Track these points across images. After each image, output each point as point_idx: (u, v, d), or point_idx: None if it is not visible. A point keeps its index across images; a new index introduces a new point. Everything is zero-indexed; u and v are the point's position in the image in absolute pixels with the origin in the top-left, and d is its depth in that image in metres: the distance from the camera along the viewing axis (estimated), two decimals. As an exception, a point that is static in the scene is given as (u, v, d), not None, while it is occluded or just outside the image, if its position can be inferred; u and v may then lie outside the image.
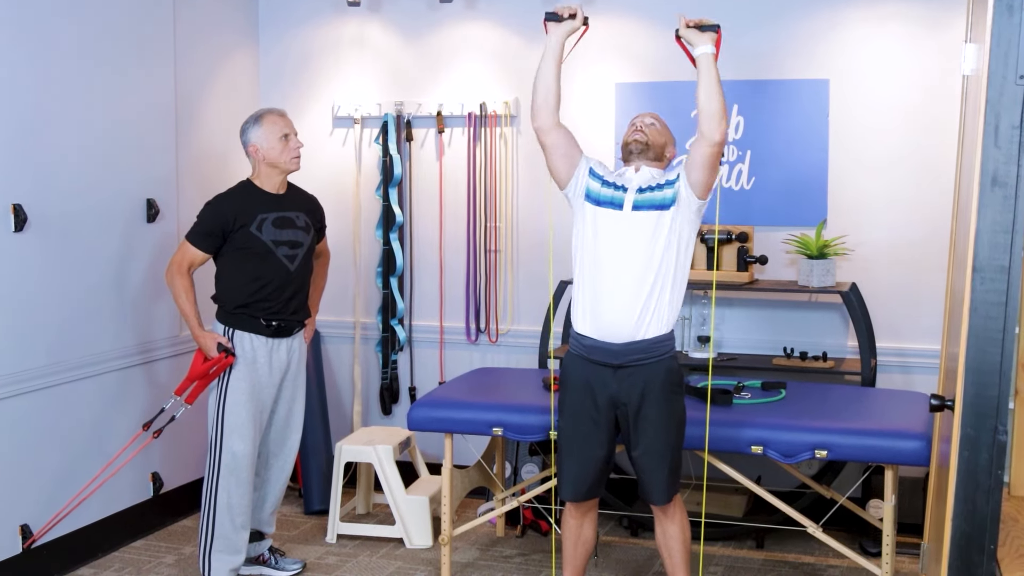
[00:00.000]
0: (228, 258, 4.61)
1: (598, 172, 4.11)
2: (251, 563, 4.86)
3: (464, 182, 5.89)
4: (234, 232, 4.55)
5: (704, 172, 3.94)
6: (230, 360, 4.55)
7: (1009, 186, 2.64)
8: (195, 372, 4.58)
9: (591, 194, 4.06)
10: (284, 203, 4.68)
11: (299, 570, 4.91)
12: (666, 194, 3.97)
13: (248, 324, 4.59)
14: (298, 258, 4.67)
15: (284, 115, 4.70)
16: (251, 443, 4.59)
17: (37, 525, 4.68)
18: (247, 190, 4.65)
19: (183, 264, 4.56)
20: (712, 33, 3.95)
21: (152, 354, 5.31)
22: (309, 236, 4.74)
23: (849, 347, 5.36)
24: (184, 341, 5.41)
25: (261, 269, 4.58)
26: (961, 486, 2.73)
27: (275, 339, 4.65)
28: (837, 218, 5.35)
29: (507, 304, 5.91)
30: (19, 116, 4.58)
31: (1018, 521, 3.30)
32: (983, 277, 2.68)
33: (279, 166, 4.64)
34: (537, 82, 4.10)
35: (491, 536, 5.38)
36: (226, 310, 4.61)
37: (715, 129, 3.89)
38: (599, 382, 4.04)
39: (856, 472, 5.15)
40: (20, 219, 4.56)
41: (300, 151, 4.69)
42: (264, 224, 4.58)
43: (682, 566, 4.18)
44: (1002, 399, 2.69)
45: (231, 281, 4.61)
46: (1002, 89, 2.64)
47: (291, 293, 4.66)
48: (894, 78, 5.26)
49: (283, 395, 4.75)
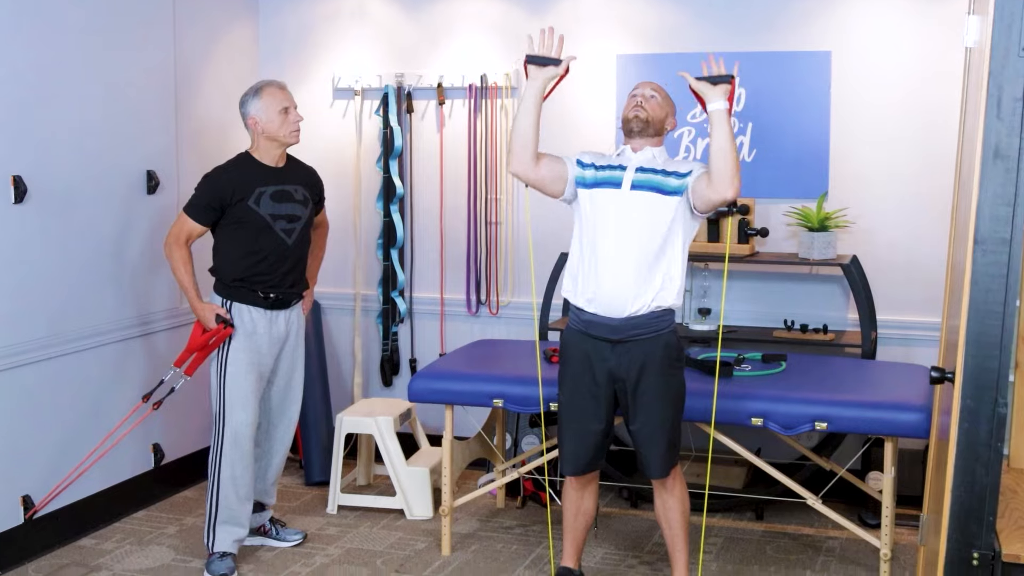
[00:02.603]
0: (226, 231, 4.59)
1: (587, 162, 4.10)
2: (253, 534, 4.88)
3: (465, 154, 5.88)
4: (232, 206, 4.53)
5: (707, 209, 3.98)
6: (228, 331, 4.54)
7: (1011, 158, 2.64)
8: (194, 344, 4.58)
9: (585, 182, 4.08)
10: (283, 176, 4.66)
11: (300, 541, 4.94)
12: (671, 183, 3.97)
13: (246, 296, 4.59)
14: (296, 232, 4.65)
15: (284, 88, 4.67)
16: (253, 414, 4.60)
17: (39, 496, 4.70)
18: (246, 163, 4.63)
19: (181, 236, 4.55)
20: (725, 86, 3.89)
21: (152, 325, 5.32)
22: (307, 210, 4.72)
23: (849, 319, 5.36)
24: (184, 313, 5.41)
25: (259, 243, 4.57)
26: (961, 458, 2.73)
27: (273, 311, 4.64)
28: (838, 190, 5.34)
29: (507, 276, 5.91)
30: (19, 88, 4.57)
31: (1017, 493, 3.31)
32: (984, 249, 2.68)
33: (278, 139, 4.61)
34: (515, 128, 4.05)
35: (491, 507, 5.40)
36: (224, 282, 4.61)
37: (727, 188, 3.85)
38: (598, 356, 4.05)
39: (856, 444, 5.17)
40: (20, 191, 4.55)
41: (300, 124, 4.67)
42: (262, 198, 4.55)
43: (681, 537, 4.20)
44: (1002, 371, 2.69)
45: (228, 255, 4.60)
46: (1005, 61, 2.63)
47: (289, 267, 4.65)
48: (896, 50, 5.24)
49: (282, 366, 4.75)
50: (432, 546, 4.92)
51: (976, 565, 2.76)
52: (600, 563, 4.73)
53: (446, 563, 4.74)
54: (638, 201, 3.97)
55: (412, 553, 4.85)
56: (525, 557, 4.80)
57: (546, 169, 4.09)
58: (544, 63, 4.03)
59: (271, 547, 4.88)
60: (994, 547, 2.78)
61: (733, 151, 3.85)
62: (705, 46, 5.42)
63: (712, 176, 3.87)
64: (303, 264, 4.77)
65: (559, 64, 4.03)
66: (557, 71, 4.03)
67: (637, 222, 3.96)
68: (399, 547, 4.92)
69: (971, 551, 2.76)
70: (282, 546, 4.90)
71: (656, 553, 4.81)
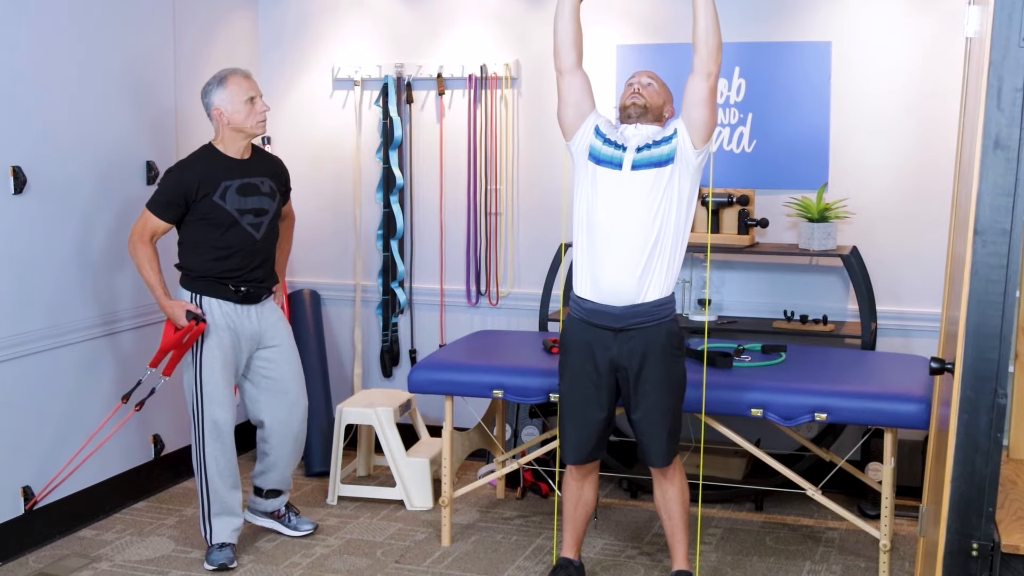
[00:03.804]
0: (191, 228, 4.49)
1: (603, 131, 4.09)
2: (266, 516, 4.89)
3: (464, 144, 5.87)
4: (197, 201, 4.43)
5: (703, 109, 3.94)
6: (201, 327, 4.46)
7: (1011, 149, 2.63)
8: (167, 343, 4.48)
9: (594, 152, 4.05)
10: (248, 169, 4.56)
11: (310, 531, 4.92)
12: (663, 150, 3.96)
13: (215, 290, 4.50)
14: (263, 225, 4.57)
15: (249, 76, 4.56)
16: (231, 408, 4.56)
17: (39, 487, 4.71)
18: (210, 156, 4.52)
19: (145, 233, 4.44)
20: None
21: (151, 316, 5.31)
22: (275, 202, 4.63)
23: (849, 310, 5.36)
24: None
25: (226, 239, 4.48)
26: (960, 449, 2.73)
27: (243, 305, 4.57)
28: (838, 181, 5.33)
29: (507, 267, 5.91)
30: (19, 78, 4.56)
31: (1016, 484, 3.31)
32: (984, 240, 2.68)
33: (244, 130, 4.51)
34: (555, 23, 4.10)
35: (491, 498, 5.40)
36: (191, 277, 4.52)
37: (713, 60, 3.90)
38: (600, 345, 4.05)
39: (855, 435, 5.17)
40: (20, 181, 4.55)
41: (266, 114, 4.57)
42: (228, 192, 4.46)
43: (681, 528, 4.20)
44: (1002, 362, 2.70)
45: (195, 251, 4.51)
46: (1005, 51, 2.62)
47: (259, 262, 4.58)
48: (897, 40, 5.23)
49: (272, 359, 4.67)
50: (432, 537, 4.92)
51: (975, 556, 2.77)
52: (600, 554, 4.73)
53: (446, 554, 4.75)
54: (638, 180, 3.94)
55: (412, 544, 4.86)
56: (525, 548, 4.80)
57: (578, 87, 4.12)
58: None
59: (272, 537, 4.88)
60: (993, 538, 2.78)
61: (717, 26, 3.91)
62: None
63: (698, 54, 3.92)
64: (272, 258, 4.69)
65: None
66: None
67: (638, 205, 3.93)
68: (399, 538, 4.93)
69: (970, 542, 2.77)
70: (291, 534, 4.88)
71: (656, 544, 4.82)
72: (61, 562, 4.61)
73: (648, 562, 4.65)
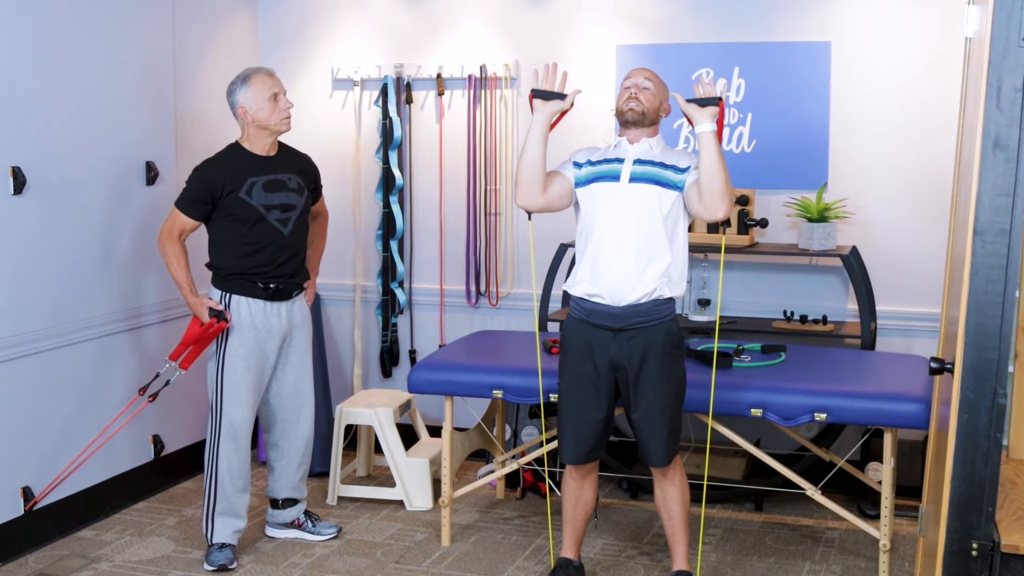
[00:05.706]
0: (219, 224, 4.53)
1: (582, 161, 4.14)
2: (286, 527, 4.88)
3: (464, 145, 5.87)
4: (224, 198, 4.47)
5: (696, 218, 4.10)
6: (223, 325, 4.50)
7: (1011, 149, 2.63)
8: (189, 337, 4.53)
9: (580, 181, 4.12)
10: (275, 165, 4.59)
11: (335, 534, 4.90)
12: (671, 176, 4.00)
13: (245, 288, 4.54)
14: (291, 221, 4.59)
15: (272, 74, 4.60)
16: (250, 409, 4.58)
17: (39, 487, 4.70)
18: (236, 153, 4.56)
19: (173, 231, 4.49)
20: (713, 108, 3.93)
21: (151, 317, 5.31)
22: (303, 198, 4.65)
23: (849, 310, 5.36)
24: (181, 304, 5.40)
25: (254, 235, 4.51)
26: (960, 449, 2.73)
27: (274, 302, 4.61)
28: (838, 181, 5.33)
29: (507, 267, 5.91)
30: (19, 78, 4.56)
31: (1016, 484, 3.31)
32: (984, 240, 2.68)
33: (269, 127, 4.55)
34: (522, 161, 4.07)
35: (491, 498, 5.40)
36: (221, 276, 4.56)
37: (717, 208, 3.92)
38: (599, 345, 4.05)
39: (855, 435, 5.17)
40: (19, 182, 4.55)
41: (291, 111, 4.60)
42: (254, 188, 4.49)
43: (681, 528, 4.21)
44: (1002, 362, 2.70)
45: (224, 248, 4.54)
46: (1005, 51, 2.62)
47: (286, 257, 4.60)
48: (896, 40, 5.23)
49: (290, 360, 4.70)
50: (432, 537, 4.92)
51: (975, 556, 2.77)
52: (600, 554, 4.73)
53: (446, 554, 4.75)
54: (637, 193, 3.99)
55: (412, 544, 4.86)
56: (525, 548, 4.80)
57: (552, 191, 4.12)
58: (549, 97, 4.06)
59: (270, 537, 4.89)
60: (993, 538, 2.78)
61: (723, 171, 3.89)
62: (705, 36, 5.43)
63: (703, 197, 3.93)
64: (302, 254, 4.71)
65: (564, 99, 4.07)
66: (562, 105, 4.07)
67: (636, 213, 3.98)
68: (399, 538, 4.93)
69: (970, 542, 2.77)
70: (316, 539, 4.87)
71: (656, 544, 4.82)
72: (61, 562, 4.61)
73: (648, 562, 4.65)
